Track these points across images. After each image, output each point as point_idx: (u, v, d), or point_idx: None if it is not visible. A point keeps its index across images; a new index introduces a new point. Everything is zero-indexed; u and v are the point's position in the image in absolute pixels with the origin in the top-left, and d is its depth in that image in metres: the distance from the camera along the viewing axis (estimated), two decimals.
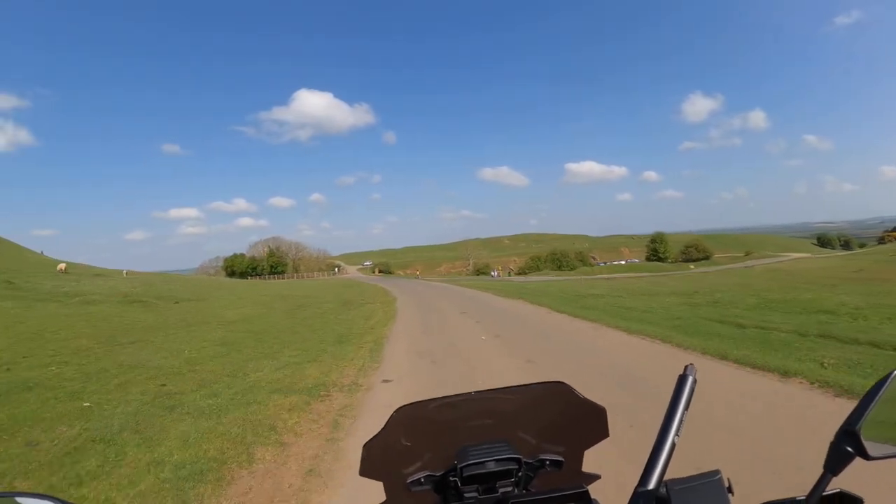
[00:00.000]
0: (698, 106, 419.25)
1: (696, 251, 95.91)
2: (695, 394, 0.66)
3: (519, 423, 0.82)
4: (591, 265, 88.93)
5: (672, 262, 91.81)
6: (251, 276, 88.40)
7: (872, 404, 0.60)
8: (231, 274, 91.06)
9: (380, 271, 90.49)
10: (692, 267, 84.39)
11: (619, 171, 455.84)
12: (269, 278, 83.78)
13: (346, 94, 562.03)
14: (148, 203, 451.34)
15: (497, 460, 0.73)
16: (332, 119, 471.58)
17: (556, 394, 0.79)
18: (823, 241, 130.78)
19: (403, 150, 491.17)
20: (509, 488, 0.74)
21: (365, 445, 0.76)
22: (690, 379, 0.66)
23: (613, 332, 9.09)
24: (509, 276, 72.82)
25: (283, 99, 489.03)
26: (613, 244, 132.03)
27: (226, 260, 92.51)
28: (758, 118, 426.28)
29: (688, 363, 0.70)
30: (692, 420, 0.68)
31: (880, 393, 0.61)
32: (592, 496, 0.65)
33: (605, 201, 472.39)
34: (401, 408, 0.76)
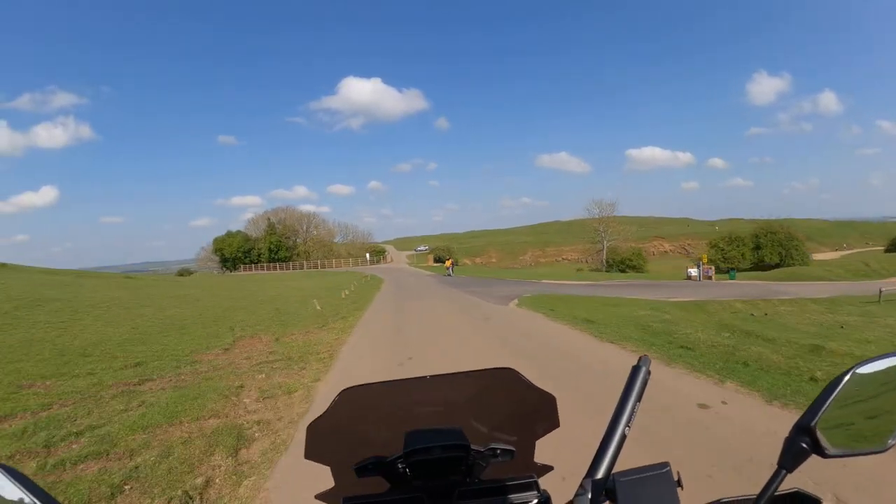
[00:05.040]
0: (764, 86, 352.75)
1: None
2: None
3: (471, 410, 0.78)
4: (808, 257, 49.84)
5: None
6: (245, 265, 59.99)
7: (830, 400, 0.56)
8: (224, 261, 63.31)
9: (436, 260, 57.75)
10: None
11: (683, 157, 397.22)
12: (250, 270, 55.09)
13: (396, 79, 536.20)
14: (209, 192, 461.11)
15: (444, 447, 0.67)
16: (382, 105, 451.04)
17: (506, 380, 0.75)
18: None
19: (457, 137, 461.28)
20: (459, 476, 0.70)
21: (309, 427, 0.71)
22: (644, 370, 0.64)
23: None
24: (732, 277, 36.17)
25: (331, 87, 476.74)
26: (731, 229, 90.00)
27: (216, 241, 64.60)
28: (829, 100, 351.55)
29: (642, 354, 0.67)
30: None
31: (838, 389, 0.56)
32: (542, 486, 0.61)
33: (671, 188, 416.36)
34: (346, 389, 0.71)
